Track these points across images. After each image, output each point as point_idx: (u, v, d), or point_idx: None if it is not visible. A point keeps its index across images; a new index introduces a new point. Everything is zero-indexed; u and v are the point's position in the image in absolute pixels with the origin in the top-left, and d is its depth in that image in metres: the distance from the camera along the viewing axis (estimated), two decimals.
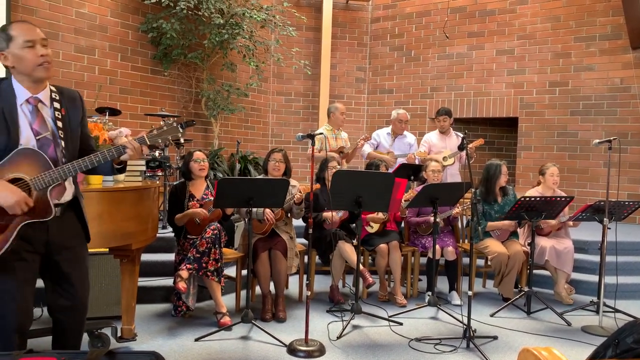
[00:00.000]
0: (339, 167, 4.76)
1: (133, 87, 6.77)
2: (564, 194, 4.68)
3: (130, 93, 6.74)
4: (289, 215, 4.55)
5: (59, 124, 2.30)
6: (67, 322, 2.48)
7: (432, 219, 4.35)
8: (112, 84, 6.54)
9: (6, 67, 2.23)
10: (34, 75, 2.22)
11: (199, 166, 4.21)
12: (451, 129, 5.91)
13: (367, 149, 5.81)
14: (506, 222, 4.65)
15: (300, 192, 4.21)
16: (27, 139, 2.20)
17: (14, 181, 2.14)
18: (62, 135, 2.30)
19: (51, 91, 2.35)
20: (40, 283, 4.05)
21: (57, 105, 2.32)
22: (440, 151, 5.77)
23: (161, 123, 2.43)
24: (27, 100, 2.24)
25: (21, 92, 2.22)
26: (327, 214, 4.49)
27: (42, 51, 2.20)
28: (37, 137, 2.23)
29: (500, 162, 4.81)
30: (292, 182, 4.32)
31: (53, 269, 2.38)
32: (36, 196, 2.18)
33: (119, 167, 2.48)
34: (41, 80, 2.27)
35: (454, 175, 5.88)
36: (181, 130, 2.40)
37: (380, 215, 4.69)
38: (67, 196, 2.35)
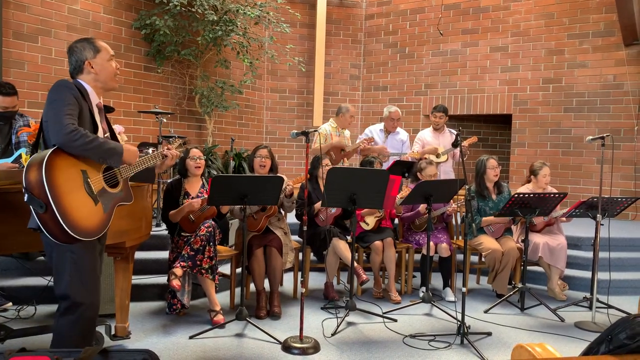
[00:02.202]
0: (330, 165, 4.75)
1: (126, 84, 6.73)
2: (556, 192, 4.70)
3: (123, 90, 6.70)
4: (281, 210, 4.55)
5: (112, 129, 2.70)
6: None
7: (424, 208, 4.36)
8: None
9: (72, 73, 2.54)
10: (110, 84, 2.61)
11: (195, 164, 4.20)
12: (445, 126, 5.93)
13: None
14: (500, 218, 4.66)
15: (290, 184, 4.20)
16: (101, 136, 2.48)
17: (105, 169, 2.46)
18: (115, 139, 2.63)
19: None
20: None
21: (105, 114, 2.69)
22: (435, 148, 5.78)
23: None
24: (97, 104, 2.56)
25: (94, 96, 2.55)
26: (317, 205, 4.48)
27: (116, 65, 2.61)
28: (105, 136, 2.55)
29: (488, 156, 4.83)
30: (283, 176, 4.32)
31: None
32: (122, 183, 2.54)
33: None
34: (111, 89, 2.67)
35: (447, 172, 5.90)
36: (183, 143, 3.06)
37: (376, 212, 4.70)
38: None
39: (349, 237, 4.51)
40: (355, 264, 4.17)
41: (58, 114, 2.28)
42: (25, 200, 2.19)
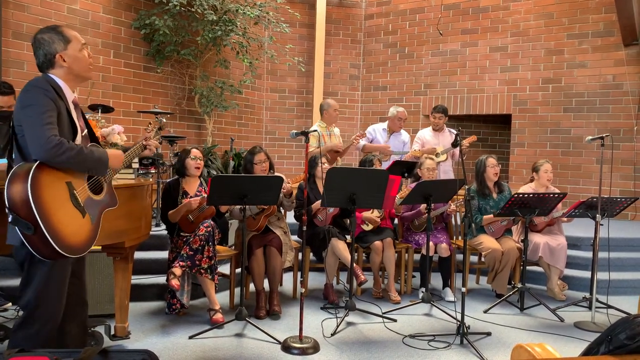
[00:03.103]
0: (327, 165, 4.75)
1: (126, 84, 6.74)
2: (557, 191, 4.70)
3: (123, 90, 6.70)
4: (280, 209, 4.55)
5: (89, 125, 2.52)
6: (75, 313, 2.51)
7: (424, 208, 4.36)
8: (105, 80, 6.50)
9: (41, 67, 2.34)
10: (85, 76, 2.42)
11: (196, 164, 4.20)
12: (445, 126, 5.93)
13: (362, 142, 5.80)
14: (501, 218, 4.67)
15: (289, 183, 4.19)
16: (79, 135, 2.36)
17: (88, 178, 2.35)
18: (92, 135, 2.50)
19: None
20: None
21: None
22: (434, 148, 5.78)
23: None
24: (72, 101, 2.38)
25: (68, 92, 2.36)
26: (315, 205, 4.48)
27: (89, 54, 2.42)
28: (82, 134, 2.40)
29: (487, 156, 4.84)
30: (278, 174, 4.32)
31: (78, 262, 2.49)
32: (106, 187, 2.45)
33: None
34: (85, 80, 2.47)
35: (447, 172, 5.90)
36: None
37: (376, 212, 4.70)
38: None
39: (348, 237, 4.51)
40: (355, 264, 4.17)
41: (36, 123, 2.11)
42: (9, 221, 2.04)
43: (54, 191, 2.13)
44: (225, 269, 4.64)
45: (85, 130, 2.45)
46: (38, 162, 2.10)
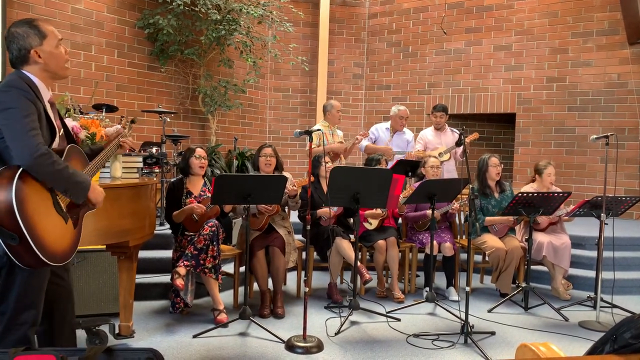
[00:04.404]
0: (330, 163, 4.74)
1: (130, 84, 6.75)
2: (560, 191, 4.69)
3: (126, 89, 6.71)
4: (285, 209, 4.55)
5: (66, 125, 2.43)
6: (64, 313, 2.49)
7: (429, 212, 4.35)
8: (109, 80, 6.52)
9: (15, 63, 2.23)
10: (60, 73, 2.29)
11: (200, 163, 4.21)
12: (446, 125, 5.92)
13: (365, 142, 5.80)
14: (504, 217, 4.65)
15: (294, 185, 4.20)
16: (56, 136, 2.27)
17: None
18: (69, 135, 2.41)
19: None
20: None
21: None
22: (436, 147, 5.78)
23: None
24: (48, 100, 2.28)
25: (45, 91, 2.25)
26: (322, 211, 4.48)
27: (65, 50, 2.30)
28: (59, 133, 2.30)
29: (489, 155, 4.83)
30: (286, 174, 4.33)
31: None
32: None
33: None
34: (60, 79, 2.37)
35: (450, 171, 5.89)
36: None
37: (379, 211, 4.69)
38: None
39: (352, 237, 4.51)
40: (359, 263, 4.17)
41: (18, 128, 2.02)
42: None
43: (38, 199, 2.05)
44: (229, 268, 4.65)
45: (62, 130, 2.35)
46: (21, 169, 2.00)
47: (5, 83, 2.11)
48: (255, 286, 4.37)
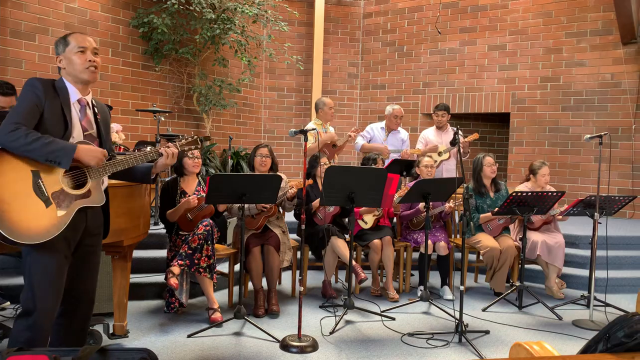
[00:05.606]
0: (329, 163, 4.75)
1: (124, 83, 6.73)
2: (554, 190, 4.71)
3: (121, 88, 6.69)
4: (280, 209, 4.55)
5: (100, 126, 2.57)
6: (75, 315, 2.53)
7: (422, 206, 4.36)
8: (103, 79, 6.49)
9: (59, 68, 2.48)
10: (80, 77, 2.45)
11: (193, 162, 4.20)
12: (448, 124, 5.93)
13: (361, 141, 5.80)
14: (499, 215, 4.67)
15: (293, 187, 4.21)
16: (78, 133, 2.42)
17: (72, 169, 2.35)
18: (101, 136, 2.56)
19: (92, 98, 2.62)
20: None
21: (95, 110, 2.58)
22: (436, 145, 5.78)
23: (183, 138, 2.81)
24: (78, 100, 2.46)
25: (73, 92, 2.45)
26: (315, 203, 4.48)
27: (91, 57, 2.46)
28: (85, 133, 2.46)
29: (484, 154, 4.84)
30: (281, 175, 4.33)
31: (78, 256, 2.49)
32: (92, 184, 2.42)
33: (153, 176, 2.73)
34: (87, 83, 2.50)
35: (450, 170, 5.88)
36: (200, 145, 2.87)
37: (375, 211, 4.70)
38: (104, 188, 2.56)
39: (347, 236, 4.51)
40: (354, 262, 4.17)
41: (10, 115, 2.23)
42: None
43: (14, 176, 2.20)
44: (223, 267, 4.64)
45: (90, 131, 2.48)
46: (1, 148, 2.20)
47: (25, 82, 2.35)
48: (250, 285, 4.37)
